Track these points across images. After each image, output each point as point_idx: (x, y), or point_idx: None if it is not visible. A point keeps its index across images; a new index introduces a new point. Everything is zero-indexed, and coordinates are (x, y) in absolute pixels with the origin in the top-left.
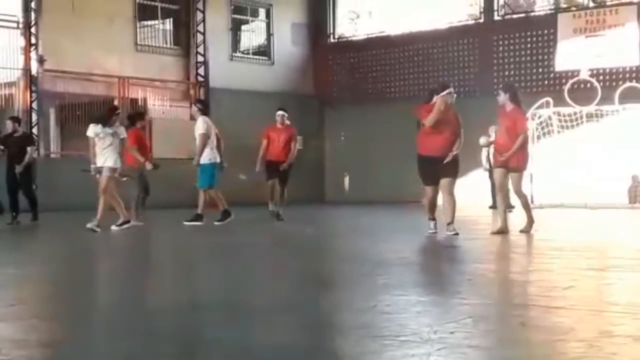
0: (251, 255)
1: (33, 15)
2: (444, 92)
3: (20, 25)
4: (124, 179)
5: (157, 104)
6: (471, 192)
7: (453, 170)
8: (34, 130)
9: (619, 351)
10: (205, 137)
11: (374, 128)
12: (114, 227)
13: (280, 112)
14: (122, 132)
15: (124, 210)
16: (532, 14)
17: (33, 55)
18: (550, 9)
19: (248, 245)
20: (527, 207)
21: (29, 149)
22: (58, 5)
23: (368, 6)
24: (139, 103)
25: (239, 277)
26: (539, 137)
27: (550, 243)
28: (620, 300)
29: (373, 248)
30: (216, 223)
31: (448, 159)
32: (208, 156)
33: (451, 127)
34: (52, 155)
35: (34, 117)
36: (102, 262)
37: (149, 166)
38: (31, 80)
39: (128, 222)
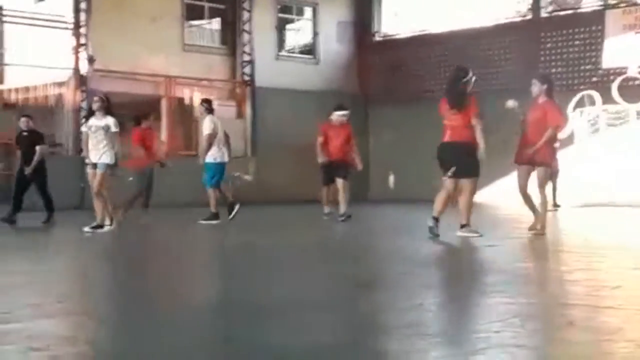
0: (292, 254)
1: (83, 16)
2: (472, 77)
3: (71, 26)
4: (130, 178)
5: None
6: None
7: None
8: (83, 129)
9: None
10: (212, 137)
11: (418, 126)
12: (86, 229)
13: (343, 112)
14: (114, 125)
15: (104, 215)
16: (580, 10)
17: (83, 55)
18: (599, 6)
19: (288, 244)
20: (544, 207)
21: (38, 147)
22: (107, 6)
23: (413, 4)
24: (186, 102)
25: (279, 275)
26: (586, 135)
27: (596, 242)
28: None
29: (414, 246)
30: (201, 221)
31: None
32: (213, 155)
33: None
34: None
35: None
36: (139, 260)
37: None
38: (81, 80)
39: (102, 227)
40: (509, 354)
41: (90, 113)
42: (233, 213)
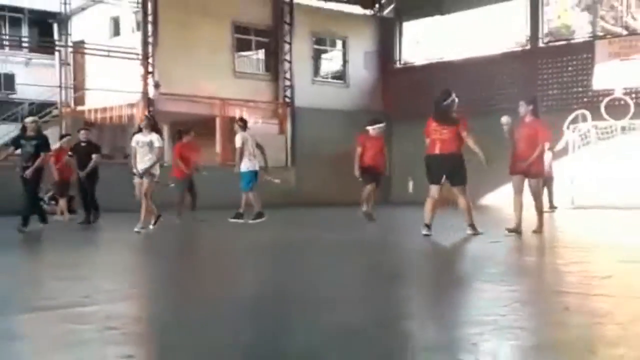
0: (329, 249)
1: (150, 48)
2: (454, 98)
3: (140, 57)
4: (172, 185)
5: (250, 121)
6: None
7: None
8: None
9: None
10: (241, 150)
11: None
12: (151, 227)
13: (380, 125)
14: (157, 141)
15: (155, 212)
16: (573, 41)
17: (150, 81)
18: (589, 37)
19: (327, 241)
20: (540, 211)
21: (94, 156)
22: (171, 39)
23: (429, 36)
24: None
25: (310, 270)
26: (579, 147)
27: (588, 239)
28: None
29: (429, 244)
30: (250, 221)
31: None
32: (246, 165)
33: None
34: (165, 165)
35: None
36: (201, 253)
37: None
38: (148, 102)
39: (159, 216)
40: (513, 334)
41: (139, 130)
42: (235, 219)
